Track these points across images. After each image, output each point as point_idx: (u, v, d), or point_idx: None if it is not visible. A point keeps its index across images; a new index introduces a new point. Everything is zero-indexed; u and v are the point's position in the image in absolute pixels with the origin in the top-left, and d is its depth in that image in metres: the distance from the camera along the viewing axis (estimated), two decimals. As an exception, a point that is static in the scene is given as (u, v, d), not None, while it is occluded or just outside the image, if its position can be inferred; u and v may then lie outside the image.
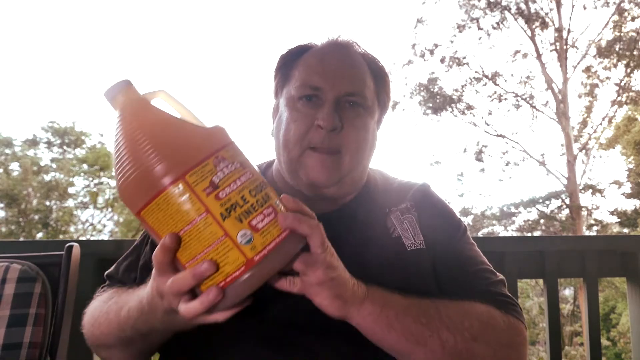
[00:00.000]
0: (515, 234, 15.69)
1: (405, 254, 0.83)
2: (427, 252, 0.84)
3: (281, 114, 0.86)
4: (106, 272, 0.95)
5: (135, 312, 0.70)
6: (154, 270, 0.62)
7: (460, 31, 15.79)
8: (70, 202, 16.42)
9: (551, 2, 15.24)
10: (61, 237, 15.57)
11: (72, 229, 16.26)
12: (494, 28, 15.62)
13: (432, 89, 15.83)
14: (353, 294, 0.67)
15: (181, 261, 0.59)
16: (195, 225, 0.56)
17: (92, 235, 16.49)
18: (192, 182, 0.56)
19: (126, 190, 0.59)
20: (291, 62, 0.87)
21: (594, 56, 15.04)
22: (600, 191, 15.20)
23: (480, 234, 15.34)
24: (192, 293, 0.59)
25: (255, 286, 0.58)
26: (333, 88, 0.81)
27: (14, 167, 15.84)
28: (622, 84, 14.77)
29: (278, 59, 0.89)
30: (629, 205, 15.33)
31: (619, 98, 14.90)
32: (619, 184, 15.36)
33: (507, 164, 15.97)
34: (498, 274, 0.88)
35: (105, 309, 0.80)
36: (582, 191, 15.06)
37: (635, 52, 14.27)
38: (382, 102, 0.91)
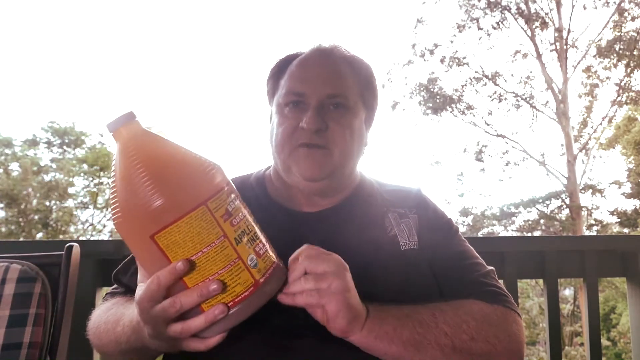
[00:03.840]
0: (515, 234, 15.69)
1: (399, 253, 0.88)
2: (421, 253, 0.89)
3: (273, 120, 0.92)
4: (115, 270, 0.96)
5: (128, 330, 0.74)
6: (142, 294, 0.63)
7: (460, 31, 15.79)
8: (70, 202, 16.40)
9: (551, 2, 15.24)
10: (61, 237, 15.53)
11: (72, 229, 16.25)
12: (494, 28, 15.62)
13: (432, 89, 15.82)
14: (359, 313, 0.71)
15: (187, 284, 0.62)
16: (213, 248, 0.61)
17: (92, 235, 16.46)
18: (212, 208, 0.62)
19: (140, 213, 0.60)
20: (279, 72, 0.93)
21: (594, 56, 15.04)
22: (600, 191, 15.20)
23: (480, 234, 15.32)
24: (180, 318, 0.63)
25: (259, 305, 0.65)
26: (315, 92, 0.86)
27: (14, 167, 15.83)
28: (622, 83, 14.76)
29: (269, 69, 0.95)
30: (629, 205, 15.33)
31: (619, 98, 14.90)
32: (619, 184, 15.36)
33: (507, 164, 15.98)
34: (487, 265, 0.92)
35: (104, 319, 0.84)
36: (582, 191, 15.06)
37: (635, 52, 14.26)
38: (368, 103, 0.94)
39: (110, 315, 0.83)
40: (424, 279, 0.87)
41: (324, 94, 0.86)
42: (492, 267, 0.92)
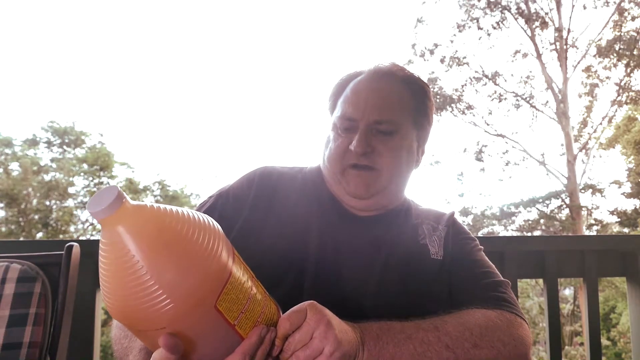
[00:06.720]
0: (515, 234, 15.69)
1: (427, 261, 0.94)
2: (443, 264, 0.95)
3: (330, 133, 1.00)
4: None
5: None
6: None
7: (460, 31, 15.80)
8: (70, 202, 16.37)
9: (551, 2, 15.25)
10: (61, 237, 15.53)
11: (72, 229, 16.22)
12: (494, 28, 15.62)
13: (432, 89, 15.76)
14: (353, 346, 0.70)
15: (242, 335, 0.61)
16: (253, 292, 0.62)
17: (92, 235, 16.45)
18: (237, 254, 0.63)
19: (198, 286, 0.55)
20: (338, 92, 1.01)
21: (594, 56, 15.03)
22: (600, 191, 15.19)
23: (480, 234, 15.29)
24: None
25: None
26: (363, 117, 0.93)
27: (14, 167, 15.81)
28: (622, 83, 14.76)
29: (333, 86, 1.04)
30: (629, 205, 15.31)
31: (619, 98, 14.89)
32: (619, 183, 15.35)
33: (507, 164, 15.99)
34: (501, 277, 0.96)
35: (121, 335, 0.82)
36: (582, 191, 15.06)
37: (635, 52, 14.26)
38: (419, 123, 1.00)
39: (123, 338, 0.81)
40: (441, 289, 0.92)
41: (372, 120, 0.93)
42: (507, 280, 0.96)
